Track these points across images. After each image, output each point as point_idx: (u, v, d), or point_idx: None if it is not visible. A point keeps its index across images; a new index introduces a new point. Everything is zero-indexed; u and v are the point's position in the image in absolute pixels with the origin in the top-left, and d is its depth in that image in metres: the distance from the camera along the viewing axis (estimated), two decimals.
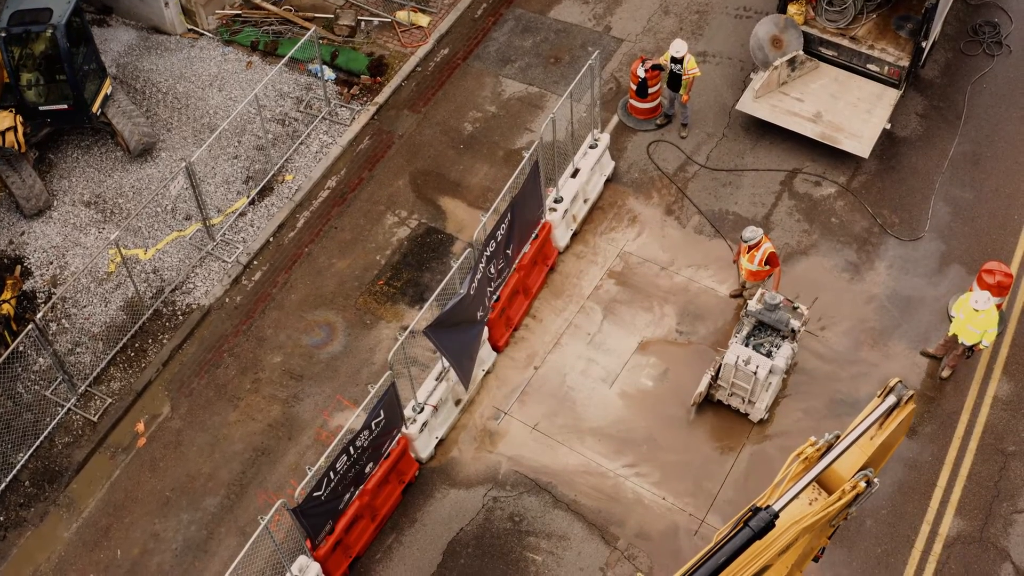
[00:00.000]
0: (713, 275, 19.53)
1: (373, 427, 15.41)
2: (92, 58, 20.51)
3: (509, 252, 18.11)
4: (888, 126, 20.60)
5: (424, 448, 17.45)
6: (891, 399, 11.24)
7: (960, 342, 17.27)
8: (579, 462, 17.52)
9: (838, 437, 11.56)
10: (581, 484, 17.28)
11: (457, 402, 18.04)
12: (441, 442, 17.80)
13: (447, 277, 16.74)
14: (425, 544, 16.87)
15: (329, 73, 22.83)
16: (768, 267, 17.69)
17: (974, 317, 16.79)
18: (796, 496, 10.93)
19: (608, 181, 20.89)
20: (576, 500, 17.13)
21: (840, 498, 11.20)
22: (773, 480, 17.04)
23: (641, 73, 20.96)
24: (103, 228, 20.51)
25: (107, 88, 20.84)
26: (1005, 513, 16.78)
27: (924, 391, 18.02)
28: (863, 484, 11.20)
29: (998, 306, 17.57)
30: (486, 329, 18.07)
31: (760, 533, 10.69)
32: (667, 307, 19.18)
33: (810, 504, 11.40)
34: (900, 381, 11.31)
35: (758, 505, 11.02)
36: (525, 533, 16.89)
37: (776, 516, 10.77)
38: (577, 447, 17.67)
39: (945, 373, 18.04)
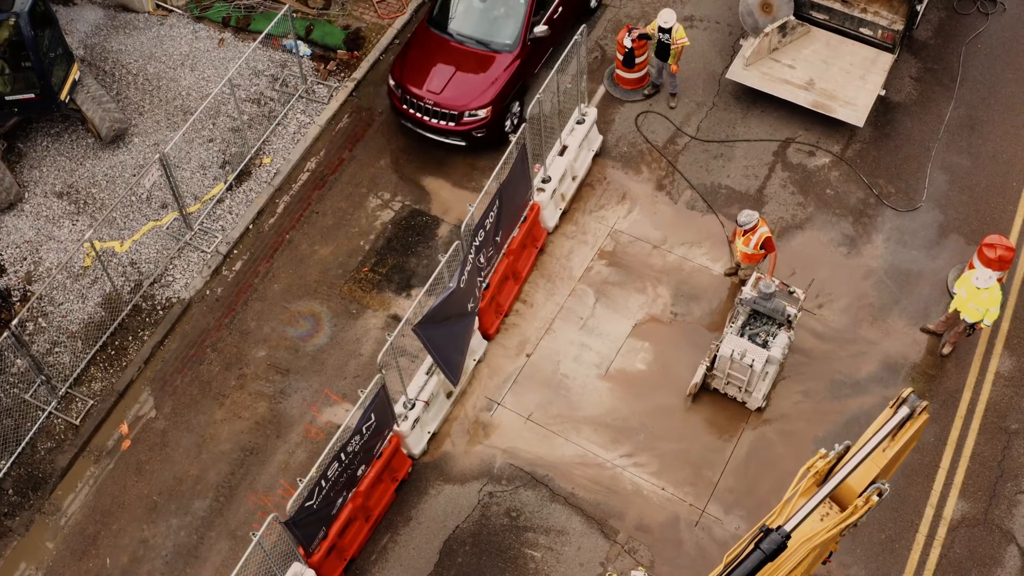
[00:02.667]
0: (707, 253, 19.05)
1: (364, 431, 14.97)
2: (58, 43, 19.66)
3: (498, 239, 17.58)
4: (882, 92, 20.03)
5: (416, 444, 17.04)
6: (904, 411, 10.84)
7: (962, 319, 16.89)
8: (575, 453, 17.15)
9: (848, 448, 11.22)
10: (578, 476, 16.92)
11: (449, 394, 17.60)
12: (433, 436, 17.38)
13: (435, 272, 16.16)
14: (421, 543, 16.52)
15: (304, 49, 22.06)
16: (764, 251, 17.23)
17: (976, 295, 16.40)
18: (808, 516, 10.58)
19: (596, 156, 20.30)
20: (574, 493, 16.78)
21: (853, 513, 10.85)
22: (774, 468, 16.86)
23: (628, 43, 20.30)
24: (77, 220, 19.83)
25: (75, 73, 20.04)
26: (1009, 494, 16.52)
27: (925, 369, 17.68)
28: (875, 498, 10.86)
29: (999, 279, 17.19)
30: (476, 319, 17.60)
31: (772, 556, 10.36)
32: (661, 288, 18.71)
33: (821, 519, 11.05)
34: (913, 391, 10.92)
35: (768, 526, 10.68)
36: (523, 529, 16.54)
37: (788, 537, 10.42)
38: (573, 437, 17.29)
39: (946, 350, 17.69)
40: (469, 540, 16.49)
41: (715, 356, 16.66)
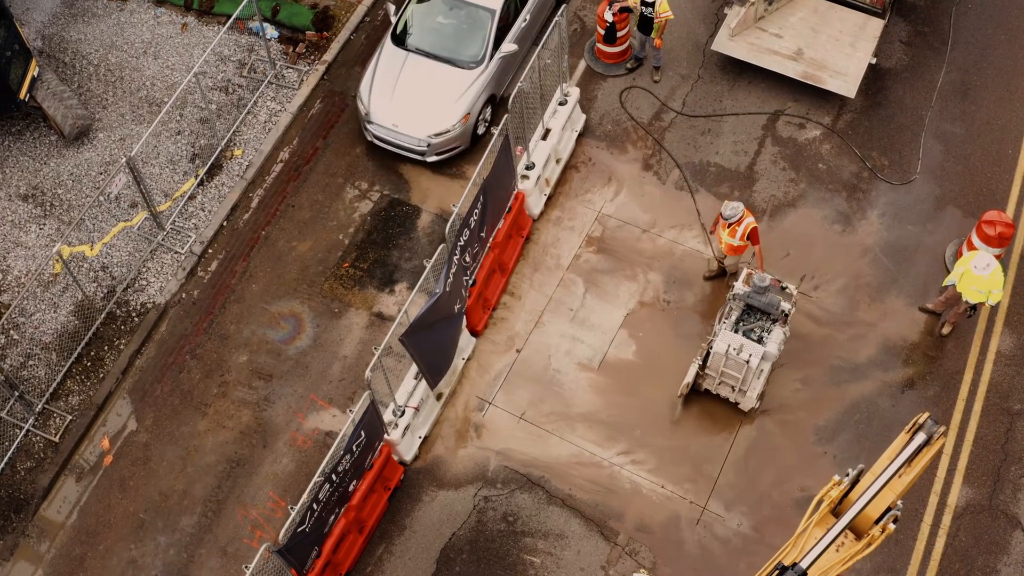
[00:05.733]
0: (698, 235, 18.49)
1: (354, 449, 14.47)
2: (14, 39, 18.77)
3: (483, 234, 16.96)
4: (873, 61, 19.38)
5: (408, 450, 16.57)
6: (920, 437, 10.41)
7: (964, 300, 16.44)
8: (571, 452, 16.71)
9: (862, 472, 10.81)
10: (575, 476, 16.51)
11: (439, 396, 17.10)
12: (424, 440, 16.90)
13: (423, 275, 15.54)
14: (417, 552, 16.11)
15: (271, 31, 21.17)
16: (749, 241, 16.65)
17: (978, 279, 15.93)
18: (824, 551, 10.20)
19: (580, 136, 19.62)
20: (571, 495, 16.37)
21: (870, 543, 10.47)
22: (774, 460, 16.48)
23: (609, 17, 19.53)
24: (44, 224, 19.07)
25: (33, 70, 19.15)
26: (1014, 478, 16.23)
27: (925, 350, 17.28)
28: (892, 525, 10.49)
29: (997, 256, 16.77)
30: (464, 318, 17.06)
31: None
32: (652, 274, 18.18)
33: (837, 550, 10.64)
34: (929, 416, 10.48)
35: (783, 561, 10.31)
36: (521, 534, 16.15)
37: (804, 575, 10.06)
38: (568, 436, 16.84)
39: (945, 330, 17.27)
40: (466, 547, 16.10)
41: (707, 354, 16.10)
